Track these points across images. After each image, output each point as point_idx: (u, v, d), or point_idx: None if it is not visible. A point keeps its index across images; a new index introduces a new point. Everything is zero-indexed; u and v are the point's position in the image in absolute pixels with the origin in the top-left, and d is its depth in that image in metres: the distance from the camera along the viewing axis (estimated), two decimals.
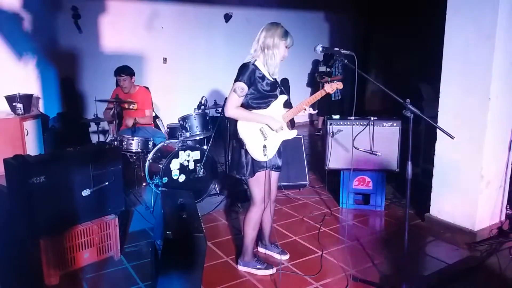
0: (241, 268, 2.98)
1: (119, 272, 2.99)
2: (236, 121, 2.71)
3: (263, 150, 2.69)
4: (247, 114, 2.69)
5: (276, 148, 2.79)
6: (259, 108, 2.73)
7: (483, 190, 3.36)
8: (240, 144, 2.71)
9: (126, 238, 3.46)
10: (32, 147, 5.05)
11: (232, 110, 2.65)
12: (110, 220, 3.11)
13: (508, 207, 3.61)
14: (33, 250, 2.83)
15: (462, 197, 3.45)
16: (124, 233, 3.52)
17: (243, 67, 2.66)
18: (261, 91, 2.70)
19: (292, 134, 2.88)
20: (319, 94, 2.79)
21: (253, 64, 2.65)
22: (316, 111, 7.22)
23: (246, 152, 2.71)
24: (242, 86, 2.62)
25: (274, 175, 2.92)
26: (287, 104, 2.89)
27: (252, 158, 2.71)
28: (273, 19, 2.85)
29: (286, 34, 2.64)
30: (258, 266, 2.93)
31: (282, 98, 2.83)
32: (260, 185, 2.78)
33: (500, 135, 3.40)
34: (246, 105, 2.71)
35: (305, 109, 2.79)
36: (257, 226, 2.92)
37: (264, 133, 2.73)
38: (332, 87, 2.78)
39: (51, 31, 5.99)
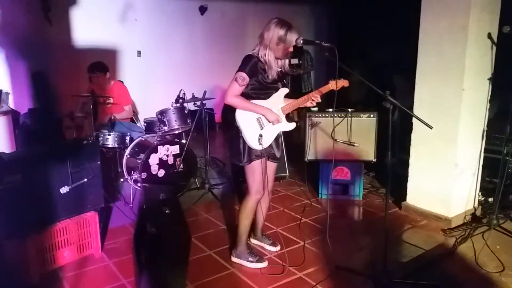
0: (234, 259, 3.00)
1: (100, 269, 2.95)
2: (234, 109, 2.75)
3: (259, 139, 2.74)
4: (245, 103, 2.73)
5: (272, 138, 2.84)
6: (259, 98, 2.78)
7: (457, 178, 3.48)
8: (238, 131, 2.76)
9: (106, 235, 3.41)
10: (2, 144, 4.88)
11: (232, 98, 2.70)
12: (89, 217, 3.06)
13: (480, 194, 3.74)
14: (12, 250, 2.76)
15: (437, 185, 3.56)
16: (104, 229, 3.47)
17: (247, 58, 2.70)
18: (262, 83, 2.74)
19: (290, 126, 2.91)
20: (324, 89, 2.81)
21: (257, 56, 2.69)
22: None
23: (243, 139, 2.76)
24: (243, 76, 2.66)
25: (272, 165, 2.96)
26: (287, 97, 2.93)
27: (248, 146, 2.76)
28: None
29: (285, 35, 2.60)
30: (250, 259, 2.95)
31: (283, 90, 2.88)
32: (255, 174, 2.81)
33: (474, 125, 3.51)
34: (246, 95, 2.76)
35: (313, 100, 2.81)
36: (251, 216, 2.94)
37: (261, 123, 2.78)
38: (338, 84, 2.77)
39: (19, 24, 5.77)
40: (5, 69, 5.65)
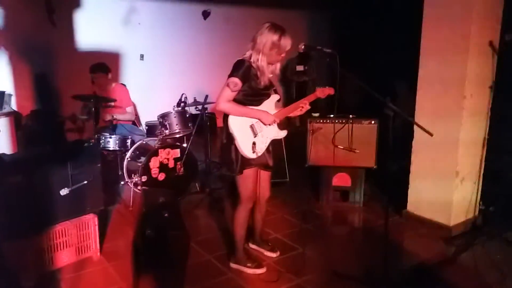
0: (232, 265, 2.97)
1: (99, 272, 2.94)
2: (227, 117, 2.68)
3: (252, 147, 2.67)
4: (239, 108, 2.66)
5: (265, 145, 2.78)
6: (251, 105, 2.72)
7: (458, 186, 3.46)
8: (230, 139, 2.68)
9: (106, 237, 3.41)
10: (4, 146, 4.90)
11: (224, 104, 2.62)
12: (89, 219, 3.05)
13: (481, 203, 3.72)
14: (10, 251, 2.76)
15: (438, 193, 3.54)
16: (103, 232, 3.46)
17: (239, 63, 2.63)
18: (254, 89, 2.68)
19: (282, 134, 2.89)
20: (312, 97, 2.81)
21: (249, 61, 2.64)
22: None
23: (236, 148, 2.67)
24: (235, 81, 2.58)
25: (265, 174, 2.91)
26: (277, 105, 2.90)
27: (241, 155, 2.68)
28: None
29: (278, 40, 2.56)
30: (248, 264, 2.92)
31: (274, 97, 2.83)
32: (247, 183, 2.76)
33: (475, 133, 3.50)
34: (238, 101, 2.68)
35: (302, 108, 2.78)
36: (245, 224, 2.90)
37: (254, 130, 2.71)
38: (324, 92, 2.79)
39: (24, 26, 5.80)
40: (9, 71, 5.68)
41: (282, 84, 8.88)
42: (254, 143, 2.69)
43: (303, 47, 2.63)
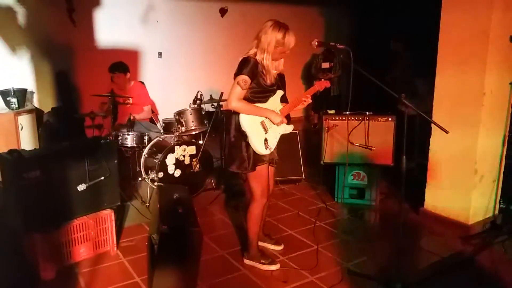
0: (246, 261, 2.99)
1: (115, 266, 3.00)
2: (237, 115, 2.72)
3: (265, 143, 2.72)
4: (250, 107, 2.70)
5: (276, 141, 2.83)
6: (259, 102, 2.75)
7: (477, 184, 3.39)
8: (243, 137, 2.71)
9: (122, 233, 3.47)
10: (26, 142, 5.02)
11: (236, 102, 2.65)
12: (106, 215, 3.11)
13: (501, 201, 3.64)
14: (29, 245, 2.83)
15: (456, 191, 3.48)
16: (120, 227, 3.52)
17: (245, 61, 2.66)
18: (262, 86, 2.72)
19: (290, 128, 2.91)
20: (312, 90, 2.83)
21: (254, 58, 2.66)
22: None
23: (248, 145, 2.71)
24: (245, 79, 2.62)
25: (272, 169, 2.94)
26: (283, 99, 2.92)
27: (253, 152, 2.72)
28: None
29: (283, 38, 2.59)
30: (262, 261, 2.93)
31: (279, 93, 2.86)
32: (260, 179, 2.79)
33: (494, 130, 3.42)
34: (247, 99, 2.71)
35: (304, 101, 2.79)
36: (260, 221, 2.92)
37: (265, 126, 2.76)
38: (321, 85, 2.83)
39: (45, 25, 5.92)
40: (30, 69, 5.82)
41: (306, 80, 8.82)
42: (266, 139, 2.73)
43: (316, 43, 2.61)
